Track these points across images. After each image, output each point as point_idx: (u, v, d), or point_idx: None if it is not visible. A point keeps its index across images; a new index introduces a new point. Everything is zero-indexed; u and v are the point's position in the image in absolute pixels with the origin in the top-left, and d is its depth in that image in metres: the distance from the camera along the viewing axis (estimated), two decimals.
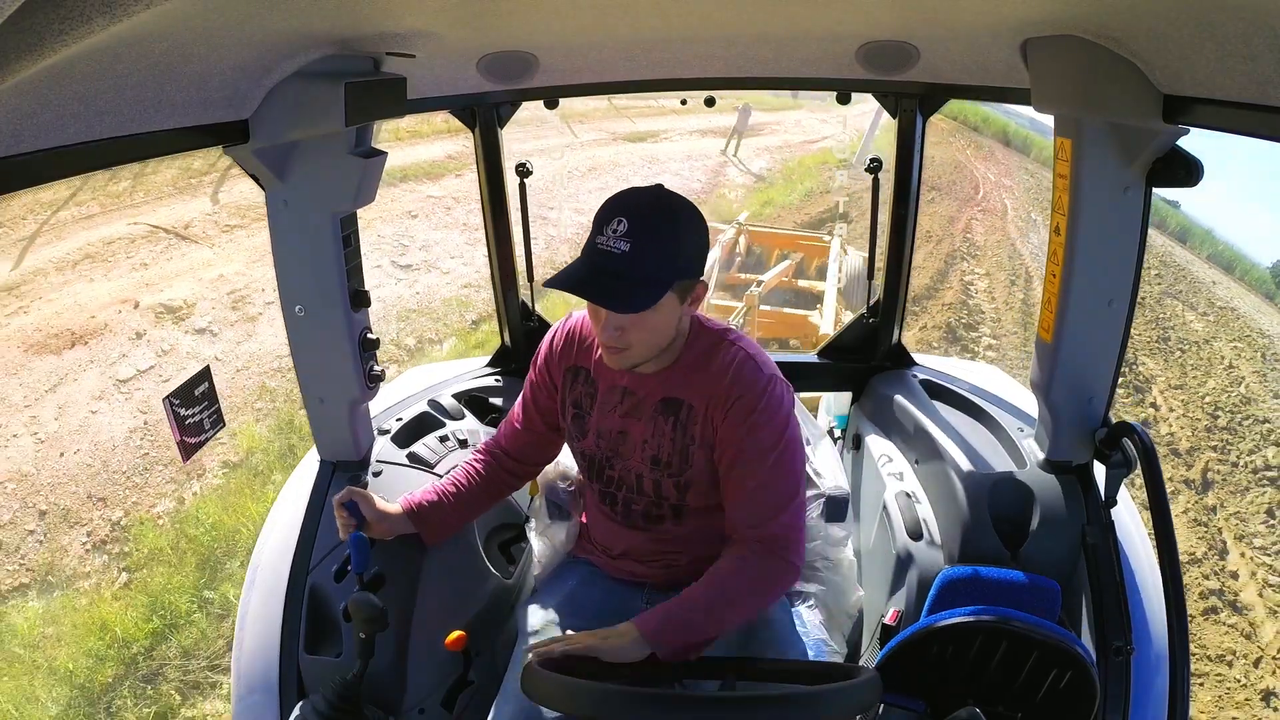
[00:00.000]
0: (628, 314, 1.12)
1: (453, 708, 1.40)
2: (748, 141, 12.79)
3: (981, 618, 1.21)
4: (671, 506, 1.31)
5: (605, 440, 1.32)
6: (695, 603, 1.17)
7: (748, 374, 1.21)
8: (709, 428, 1.23)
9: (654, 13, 1.15)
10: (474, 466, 1.43)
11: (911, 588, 1.50)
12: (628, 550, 1.39)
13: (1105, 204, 1.25)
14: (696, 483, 1.27)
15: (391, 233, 7.77)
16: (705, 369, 1.23)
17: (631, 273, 1.09)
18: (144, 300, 6.06)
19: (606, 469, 1.34)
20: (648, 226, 1.09)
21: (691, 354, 1.25)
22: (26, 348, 5.41)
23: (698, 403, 1.23)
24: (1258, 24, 0.74)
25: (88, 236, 6.96)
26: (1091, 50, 1.05)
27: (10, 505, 4.12)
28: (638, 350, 1.18)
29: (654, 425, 1.27)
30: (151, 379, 5.27)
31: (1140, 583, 1.39)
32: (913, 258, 2.02)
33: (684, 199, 1.17)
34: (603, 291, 1.10)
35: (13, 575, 3.77)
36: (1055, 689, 1.21)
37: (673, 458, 1.26)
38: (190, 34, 0.78)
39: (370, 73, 1.21)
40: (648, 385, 1.27)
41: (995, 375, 2.08)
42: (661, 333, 1.18)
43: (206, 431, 1.30)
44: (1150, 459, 1.28)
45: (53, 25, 0.48)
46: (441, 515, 1.38)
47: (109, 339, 5.59)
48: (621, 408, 1.29)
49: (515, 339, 2.11)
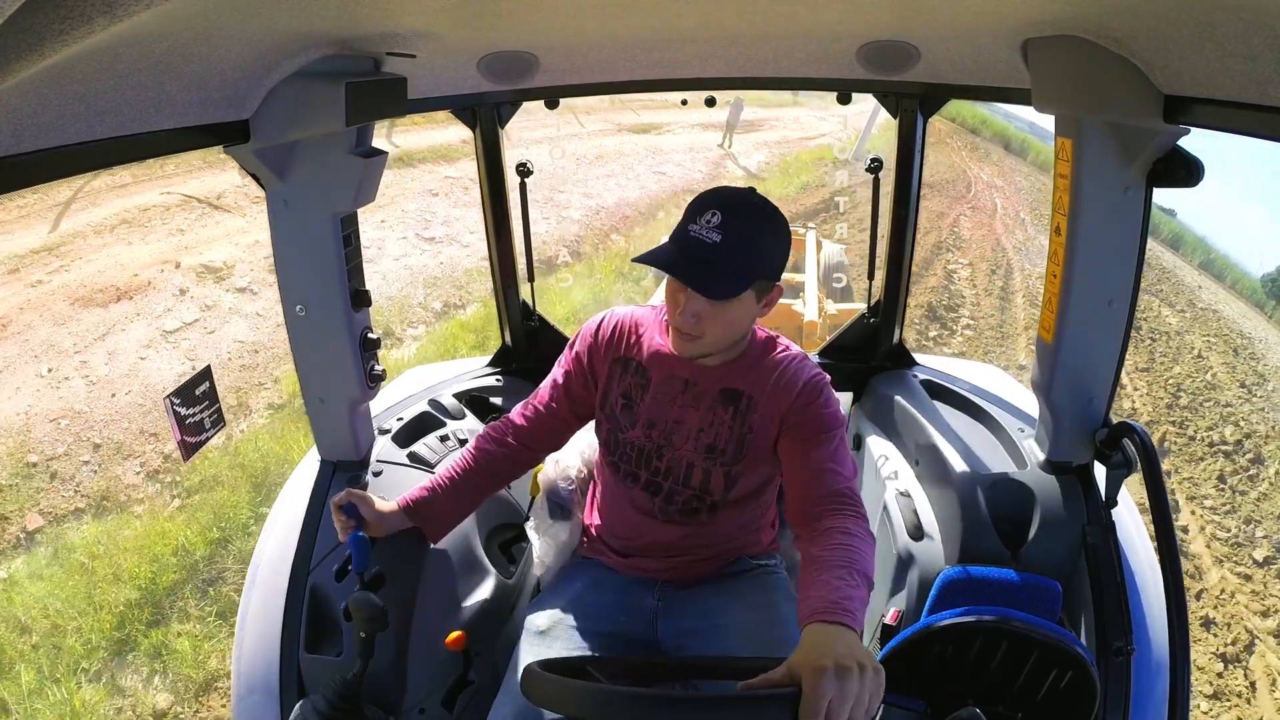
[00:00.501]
0: (711, 301, 1.16)
1: (453, 708, 1.40)
2: (748, 136, 13.08)
3: (981, 618, 1.21)
4: (712, 502, 1.35)
5: (658, 429, 1.34)
6: (840, 573, 1.01)
7: (806, 369, 1.30)
8: (767, 419, 1.28)
9: (654, 13, 1.15)
10: (471, 454, 1.42)
11: (911, 588, 1.50)
12: (653, 545, 1.40)
13: (1105, 204, 1.25)
14: (746, 475, 1.32)
15: (415, 208, 8.29)
16: (763, 365, 1.30)
17: (720, 262, 1.13)
18: (184, 261, 6.46)
19: (655, 459, 1.35)
20: (739, 222, 1.14)
21: (752, 352, 1.32)
22: (72, 301, 5.76)
23: (758, 395, 1.29)
24: (1258, 24, 0.74)
25: (123, 204, 7.31)
26: (1092, 50, 1.05)
27: (64, 439, 4.48)
28: (709, 340, 1.22)
29: (713, 414, 1.31)
30: (197, 330, 5.69)
31: (1140, 583, 1.39)
32: (913, 258, 2.02)
33: (773, 205, 1.21)
34: (692, 275, 1.14)
35: (69, 500, 4.13)
36: (1055, 689, 1.21)
37: (729, 445, 1.30)
38: (190, 34, 0.78)
39: (370, 73, 1.21)
40: (710, 377, 1.32)
41: (995, 375, 2.08)
42: (735, 327, 1.23)
43: (207, 431, 1.30)
44: (1150, 459, 1.28)
45: (53, 25, 0.48)
46: (439, 509, 1.38)
47: (153, 295, 5.95)
48: (682, 398, 1.33)
49: (515, 339, 2.11)
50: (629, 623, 1.37)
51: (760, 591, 1.38)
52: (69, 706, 2.93)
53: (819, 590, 0.97)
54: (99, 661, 3.20)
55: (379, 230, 7.58)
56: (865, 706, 0.81)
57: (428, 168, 9.63)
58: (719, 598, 1.37)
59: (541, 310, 2.15)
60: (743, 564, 1.42)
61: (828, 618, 0.91)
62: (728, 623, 1.32)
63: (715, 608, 1.35)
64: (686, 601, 1.38)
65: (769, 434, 1.29)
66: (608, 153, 10.97)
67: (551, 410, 1.44)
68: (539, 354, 2.12)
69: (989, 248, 10.18)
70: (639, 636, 1.37)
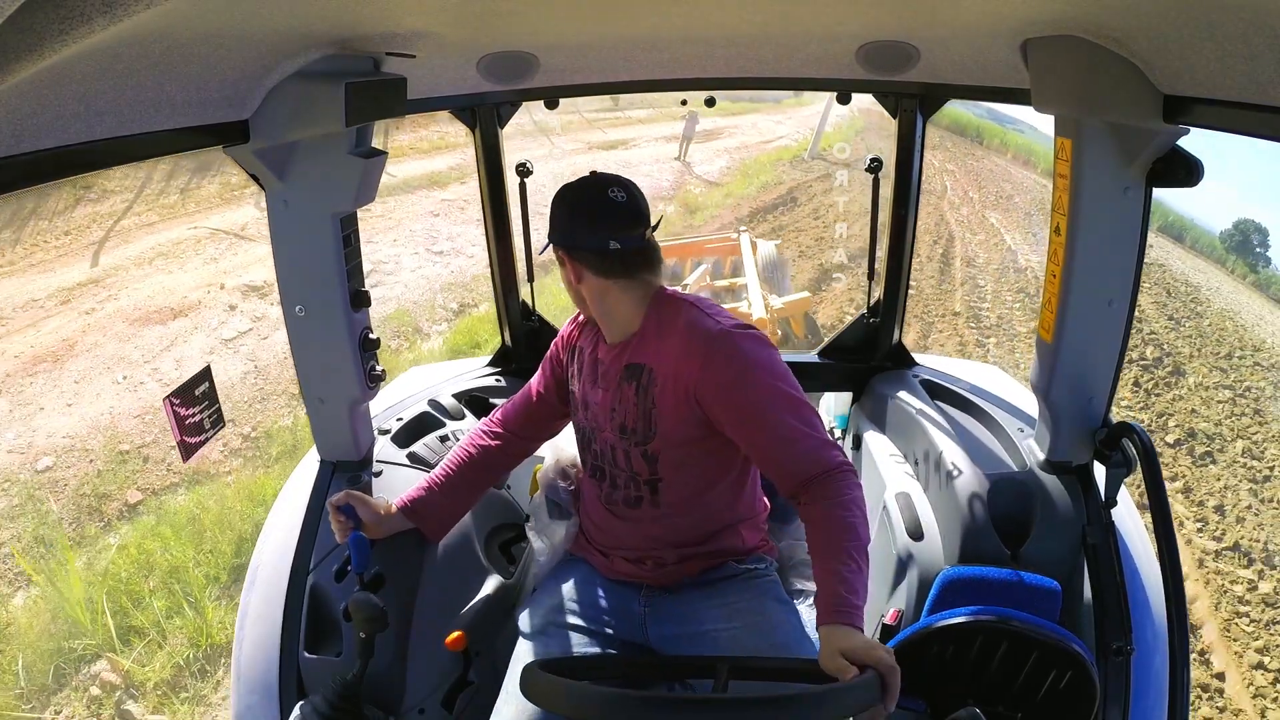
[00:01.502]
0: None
1: (453, 708, 1.40)
2: (709, 144, 13.90)
3: (981, 618, 1.21)
4: (646, 484, 1.32)
5: (590, 412, 1.37)
6: (836, 568, 1.10)
7: (708, 327, 1.23)
8: (669, 391, 1.25)
9: (654, 13, 1.15)
10: (465, 449, 1.46)
11: (911, 588, 1.50)
12: (618, 543, 1.40)
13: (1105, 204, 1.25)
14: (664, 454, 1.29)
15: (420, 228, 9.28)
16: (663, 335, 1.27)
17: None
18: (227, 283, 7.16)
19: (592, 441, 1.38)
20: None
21: (651, 323, 1.29)
22: (130, 321, 6.46)
23: (656, 366, 1.26)
24: (1258, 24, 0.74)
25: (154, 239, 8.17)
26: (1091, 50, 1.05)
27: (150, 430, 5.04)
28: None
29: (619, 392, 1.31)
30: (252, 337, 6.37)
31: (1140, 583, 1.39)
32: (913, 258, 2.02)
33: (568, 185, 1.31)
34: None
35: (163, 478, 4.66)
36: (1055, 689, 1.21)
37: (637, 424, 1.29)
38: (190, 34, 0.78)
39: (370, 73, 1.21)
40: (612, 354, 1.33)
41: (995, 375, 2.08)
42: (570, 289, 1.33)
43: (207, 431, 1.30)
44: (1150, 459, 1.28)
45: (53, 25, 0.48)
46: (436, 507, 1.39)
47: (205, 311, 6.70)
48: (597, 379, 1.35)
49: (515, 339, 2.11)
50: (619, 626, 1.36)
51: (748, 597, 1.33)
52: (201, 624, 3.44)
53: (833, 583, 1.08)
54: (220, 588, 3.69)
55: (393, 248, 8.55)
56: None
57: (424, 193, 10.42)
58: (705, 604, 1.34)
59: (541, 309, 2.15)
60: (728, 569, 1.37)
61: (843, 620, 1.05)
62: (714, 629, 1.30)
63: (701, 614, 1.33)
64: (673, 608, 1.36)
65: (676, 407, 1.24)
66: (581, 170, 11.67)
67: (539, 398, 1.50)
68: (539, 354, 2.11)
69: (934, 221, 11.13)
70: (632, 640, 1.37)
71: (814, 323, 6.36)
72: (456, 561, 1.50)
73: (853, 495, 1.16)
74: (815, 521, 1.15)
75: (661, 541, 1.36)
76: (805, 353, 2.23)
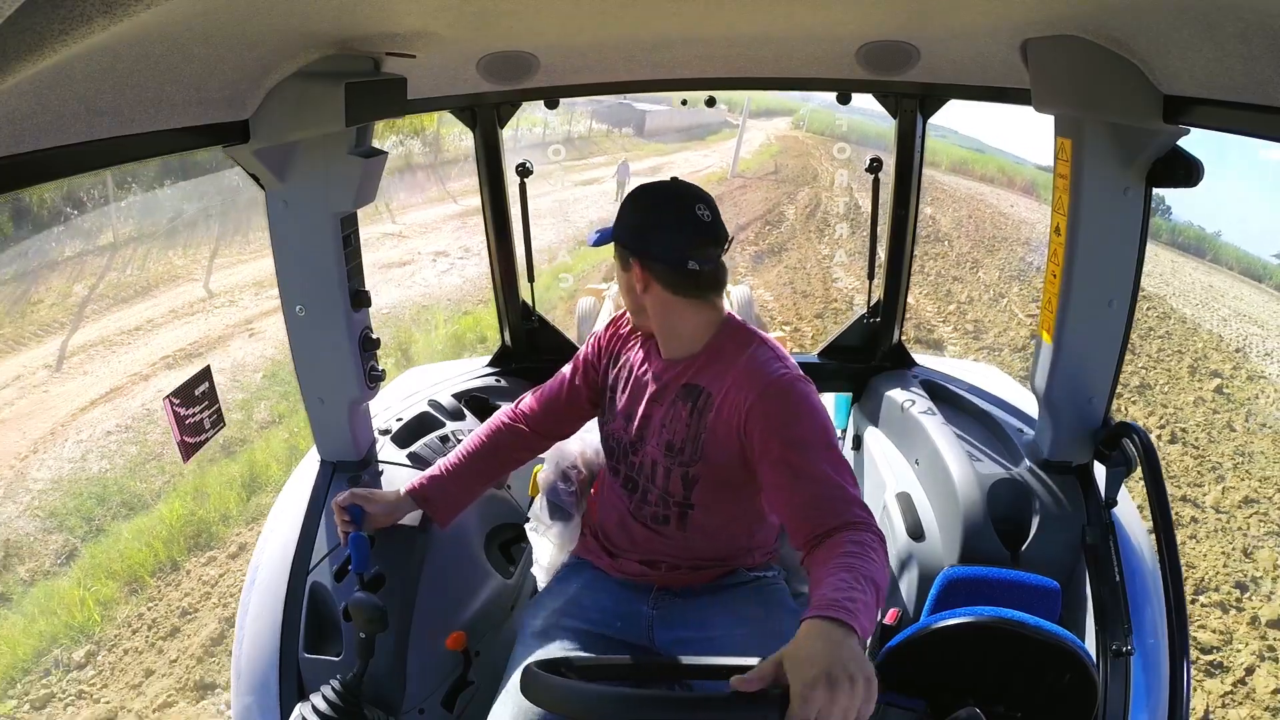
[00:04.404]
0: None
1: (453, 708, 1.40)
2: (653, 177, 16.10)
3: (981, 618, 1.21)
4: (677, 504, 1.31)
5: (634, 424, 1.34)
6: (830, 579, 0.95)
7: (771, 366, 1.21)
8: (723, 418, 1.22)
9: (654, 13, 1.15)
10: (482, 438, 1.46)
11: (911, 588, 1.50)
12: (633, 546, 1.39)
13: (1105, 204, 1.25)
14: (704, 479, 1.27)
15: (430, 255, 10.42)
16: (726, 361, 1.25)
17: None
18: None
19: (630, 454, 1.36)
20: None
21: (716, 346, 1.28)
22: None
23: (715, 391, 1.25)
24: (1257, 24, 0.74)
25: (232, 278, 9.03)
26: (1091, 50, 1.05)
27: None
28: (627, 309, 1.36)
29: (673, 411, 1.29)
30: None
31: (1140, 583, 1.38)
32: (913, 258, 2.01)
33: (636, 189, 1.31)
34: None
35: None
36: (1055, 689, 1.21)
37: (685, 444, 1.27)
38: (190, 34, 0.78)
39: (370, 73, 1.21)
40: (673, 371, 1.30)
41: (995, 375, 2.08)
42: (628, 294, 1.31)
43: (206, 431, 1.30)
44: (1150, 459, 1.28)
45: (53, 25, 0.48)
46: (447, 492, 1.39)
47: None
48: (651, 393, 1.33)
49: (515, 339, 2.11)
50: (624, 628, 1.36)
51: (757, 604, 1.34)
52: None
53: (822, 589, 0.93)
54: None
55: (416, 264, 9.79)
56: (855, 716, 0.79)
57: (421, 240, 11.26)
58: (714, 609, 1.34)
59: (541, 311, 2.15)
60: (739, 576, 1.38)
61: (827, 613, 0.87)
62: (722, 635, 1.30)
63: (710, 620, 1.33)
64: (681, 612, 1.36)
65: (726, 435, 1.22)
66: (543, 210, 12.85)
67: (569, 398, 1.47)
68: (539, 354, 2.12)
69: (815, 206, 14.59)
70: (636, 642, 1.37)
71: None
72: (456, 562, 1.50)
73: (870, 544, 1.02)
74: (821, 560, 1.01)
75: (677, 555, 1.36)
76: (805, 353, 2.23)
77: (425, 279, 9.19)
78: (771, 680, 0.81)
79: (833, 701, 0.77)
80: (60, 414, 5.84)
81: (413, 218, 12.17)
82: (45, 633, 3.66)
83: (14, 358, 6.80)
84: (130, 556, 4.17)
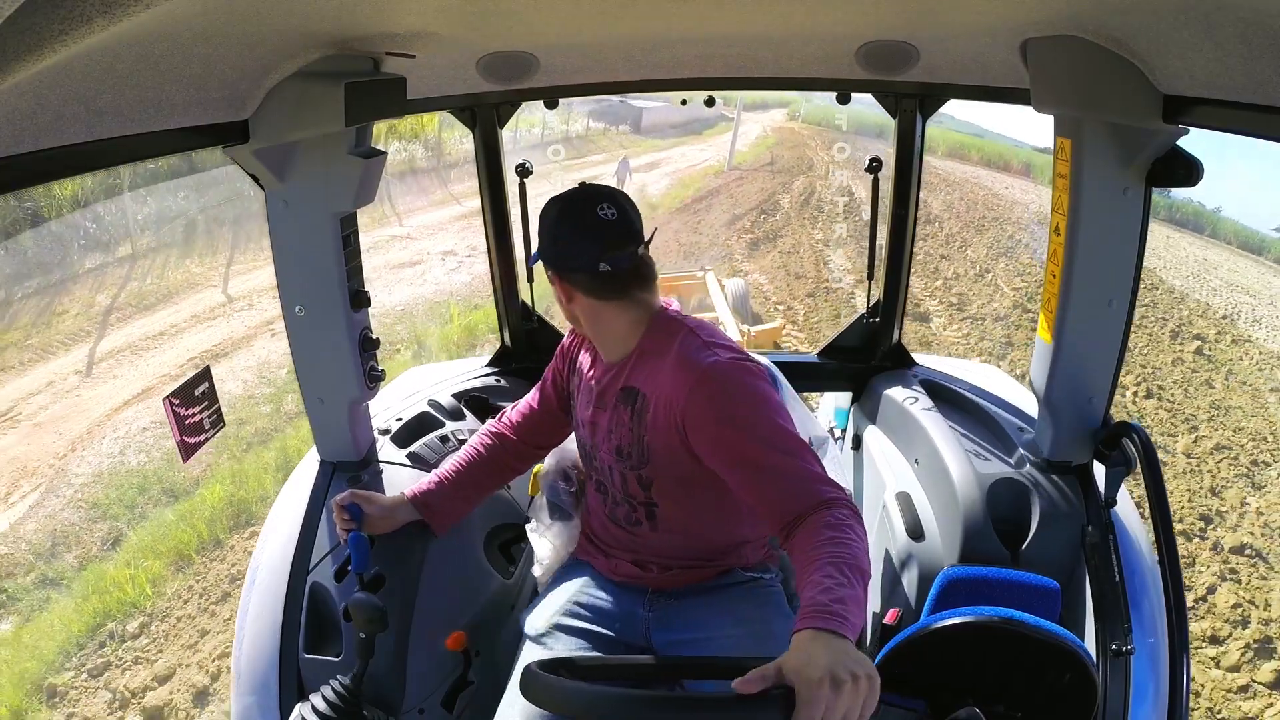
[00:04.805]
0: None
1: (453, 708, 1.40)
2: (649, 174, 17.40)
3: (981, 618, 1.21)
4: (643, 505, 1.30)
5: (587, 430, 1.35)
6: (818, 579, 0.94)
7: (697, 358, 1.16)
8: (660, 418, 1.20)
9: (654, 13, 1.15)
10: (475, 449, 1.46)
11: (911, 588, 1.50)
12: (619, 546, 1.39)
13: (1105, 204, 1.25)
14: (659, 479, 1.26)
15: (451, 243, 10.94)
16: (657, 359, 1.22)
17: None
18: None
19: (593, 459, 1.36)
20: None
21: (646, 345, 1.25)
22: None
23: (649, 391, 1.22)
24: (1257, 24, 0.74)
25: (249, 283, 9.21)
26: (1091, 50, 1.05)
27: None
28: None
29: (615, 415, 1.27)
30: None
31: (1140, 582, 1.38)
32: (912, 257, 2.01)
33: (554, 199, 1.25)
34: None
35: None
36: (1055, 689, 1.21)
37: (631, 449, 1.26)
38: (190, 34, 0.78)
39: (370, 73, 1.21)
40: (610, 375, 1.29)
41: (995, 375, 2.08)
42: (562, 306, 1.29)
43: (206, 431, 1.30)
44: (1150, 459, 1.28)
45: (53, 25, 0.48)
46: (445, 501, 1.40)
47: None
48: (595, 399, 1.32)
49: (515, 339, 2.11)
50: (623, 630, 1.36)
51: (753, 606, 1.33)
52: None
53: (809, 590, 0.93)
54: None
55: (425, 263, 10.04)
56: (859, 714, 0.80)
57: (429, 240, 11.46)
58: (710, 610, 1.33)
59: (541, 311, 2.15)
60: (734, 576, 1.36)
61: (819, 624, 0.87)
62: (719, 636, 1.29)
63: (706, 621, 1.32)
64: (677, 614, 1.35)
65: (668, 435, 1.19)
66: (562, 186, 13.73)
67: (542, 408, 1.49)
68: (538, 354, 2.12)
69: (810, 194, 14.97)
70: (635, 643, 1.37)
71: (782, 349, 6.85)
72: (456, 561, 1.49)
73: (846, 521, 1.02)
74: (800, 548, 1.00)
75: (663, 554, 1.36)
76: (805, 353, 2.23)
77: (436, 277, 9.34)
78: (774, 682, 0.82)
79: (838, 700, 0.79)
80: (95, 415, 5.93)
81: (419, 220, 12.27)
82: (98, 609, 3.80)
83: (44, 365, 6.90)
84: (175, 537, 4.31)
